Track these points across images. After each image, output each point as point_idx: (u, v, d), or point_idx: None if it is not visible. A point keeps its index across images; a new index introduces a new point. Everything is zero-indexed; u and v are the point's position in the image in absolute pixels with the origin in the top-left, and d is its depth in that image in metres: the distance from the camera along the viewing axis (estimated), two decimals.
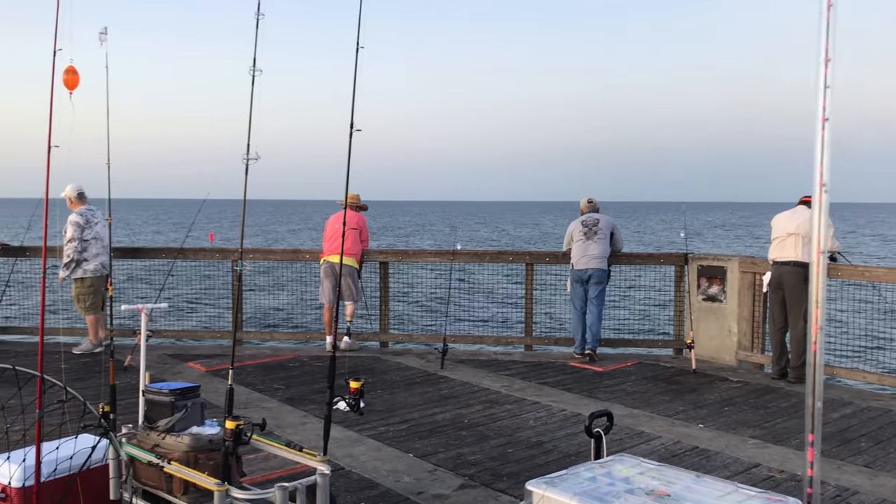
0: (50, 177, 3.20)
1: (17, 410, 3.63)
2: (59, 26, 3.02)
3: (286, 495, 3.33)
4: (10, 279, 9.40)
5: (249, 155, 3.28)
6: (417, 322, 11.81)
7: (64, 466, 3.65)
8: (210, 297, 11.68)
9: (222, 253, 10.01)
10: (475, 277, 11.65)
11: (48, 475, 3.65)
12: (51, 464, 3.65)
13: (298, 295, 10.62)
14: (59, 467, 3.74)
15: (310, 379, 7.73)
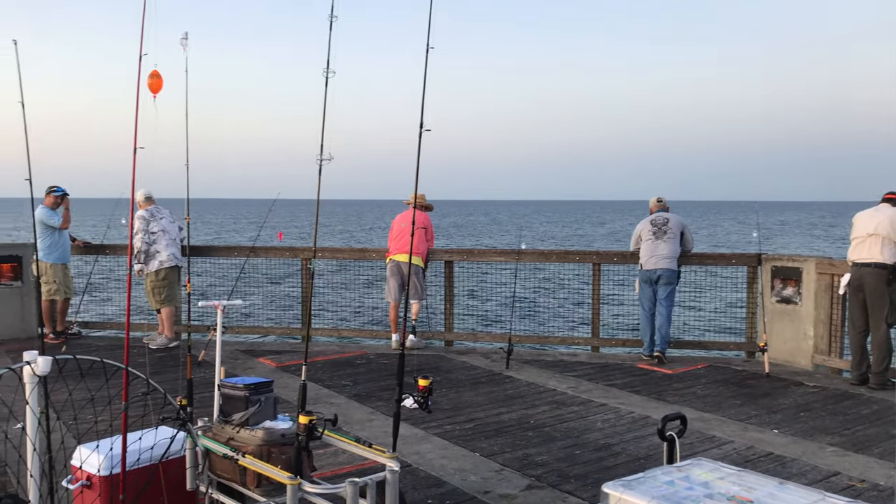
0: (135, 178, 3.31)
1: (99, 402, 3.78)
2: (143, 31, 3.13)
3: (357, 491, 3.38)
4: (90, 277, 9.80)
5: (323, 155, 3.34)
6: (482, 321, 11.81)
7: (145, 457, 3.78)
8: (279, 295, 11.94)
9: (292, 251, 10.20)
10: (541, 277, 11.57)
11: (131, 465, 3.79)
12: (133, 454, 3.78)
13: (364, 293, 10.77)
14: (141, 457, 3.87)
15: (376, 376, 7.82)
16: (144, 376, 2.62)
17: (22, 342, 9.43)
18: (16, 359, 8.40)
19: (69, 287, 9.61)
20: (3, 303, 9.57)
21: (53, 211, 9.33)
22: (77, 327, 10.02)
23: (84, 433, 4.10)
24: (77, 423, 4.84)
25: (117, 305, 12.07)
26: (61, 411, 3.19)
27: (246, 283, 9.98)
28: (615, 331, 10.90)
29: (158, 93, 3.46)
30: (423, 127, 3.75)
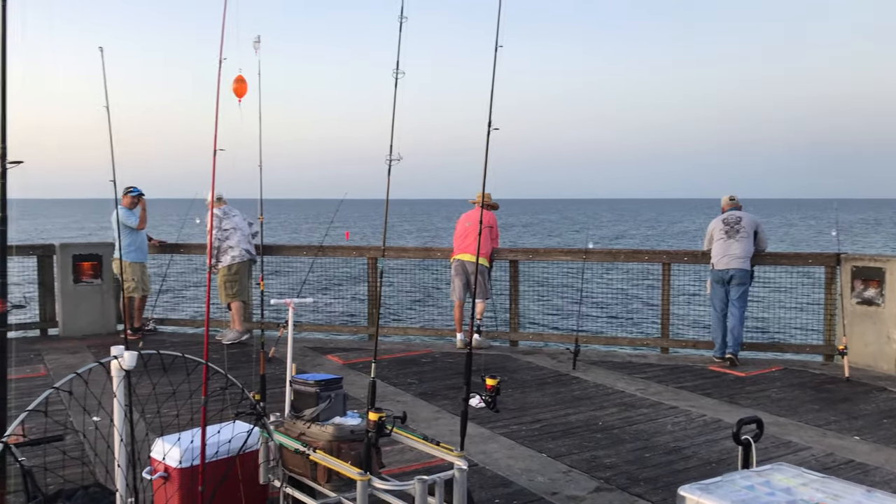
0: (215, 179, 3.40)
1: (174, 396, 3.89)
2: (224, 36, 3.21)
3: (425, 489, 3.39)
4: (166, 274, 10.13)
5: (392, 156, 3.37)
6: (548, 322, 11.72)
7: (222, 450, 3.87)
8: (346, 293, 12.10)
9: (358, 250, 10.34)
10: (609, 277, 11.42)
11: (208, 458, 3.89)
12: (210, 447, 3.89)
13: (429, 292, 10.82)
14: (218, 451, 3.98)
15: (441, 375, 7.84)
16: (223, 371, 2.69)
17: (102, 338, 9.82)
18: (97, 353, 8.74)
19: (146, 285, 9.95)
20: (84, 300, 9.97)
21: (131, 211, 9.67)
22: (153, 324, 10.37)
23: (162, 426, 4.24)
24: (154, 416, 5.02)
25: (191, 302, 12.45)
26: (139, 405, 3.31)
27: (314, 282, 10.16)
28: (684, 330, 10.66)
29: (243, 97, 3.54)
30: (491, 125, 3.74)
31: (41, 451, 4.06)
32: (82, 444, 5.23)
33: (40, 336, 10.11)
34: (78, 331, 9.91)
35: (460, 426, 3.87)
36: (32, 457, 3.73)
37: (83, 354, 8.78)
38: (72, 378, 2.21)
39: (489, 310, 9.47)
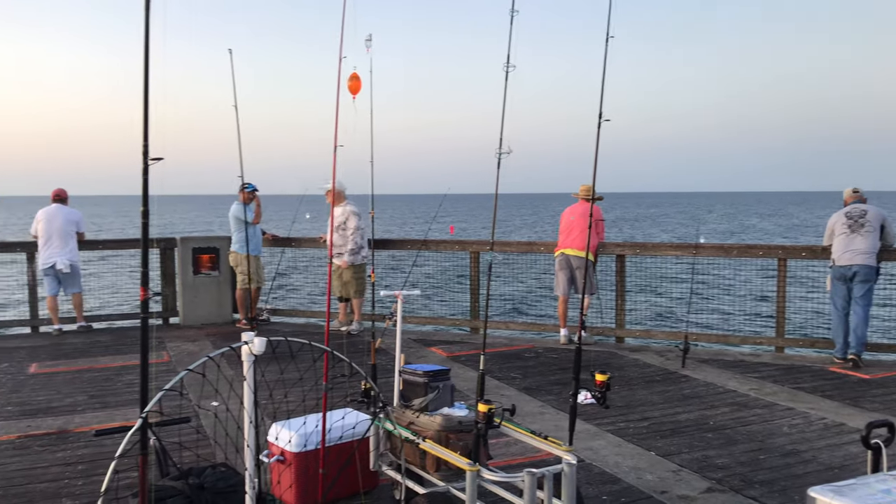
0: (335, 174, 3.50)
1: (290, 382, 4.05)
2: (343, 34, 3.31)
3: (534, 482, 3.39)
4: (278, 267, 10.51)
5: (502, 149, 3.37)
6: (655, 318, 11.44)
7: (334, 436, 4.00)
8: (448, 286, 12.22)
9: (461, 244, 10.41)
10: (720, 273, 11.03)
11: (327, 442, 4.04)
12: (327, 432, 4.03)
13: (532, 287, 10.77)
14: (330, 436, 4.12)
15: (545, 370, 7.80)
16: (347, 360, 2.78)
17: (219, 327, 10.32)
18: (214, 342, 9.18)
19: (260, 277, 10.36)
20: (203, 290, 10.49)
21: (247, 206, 10.09)
22: (267, 314, 10.79)
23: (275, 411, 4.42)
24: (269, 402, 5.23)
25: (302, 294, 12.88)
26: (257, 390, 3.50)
27: (418, 275, 10.32)
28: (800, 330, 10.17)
29: (357, 94, 3.64)
30: (601, 117, 3.68)
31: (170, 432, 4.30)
32: (203, 427, 5.52)
33: (162, 324, 10.72)
34: (196, 320, 10.44)
35: (569, 421, 3.85)
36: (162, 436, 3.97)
37: (202, 342, 9.25)
38: (205, 361, 2.34)
39: (594, 305, 9.34)
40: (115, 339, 9.63)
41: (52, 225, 9.83)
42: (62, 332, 9.91)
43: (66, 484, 4.76)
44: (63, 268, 9.74)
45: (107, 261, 11.15)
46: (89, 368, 7.92)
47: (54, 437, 5.69)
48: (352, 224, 9.47)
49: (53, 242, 9.79)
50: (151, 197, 2.09)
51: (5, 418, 6.16)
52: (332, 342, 3.38)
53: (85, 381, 7.39)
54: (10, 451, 5.39)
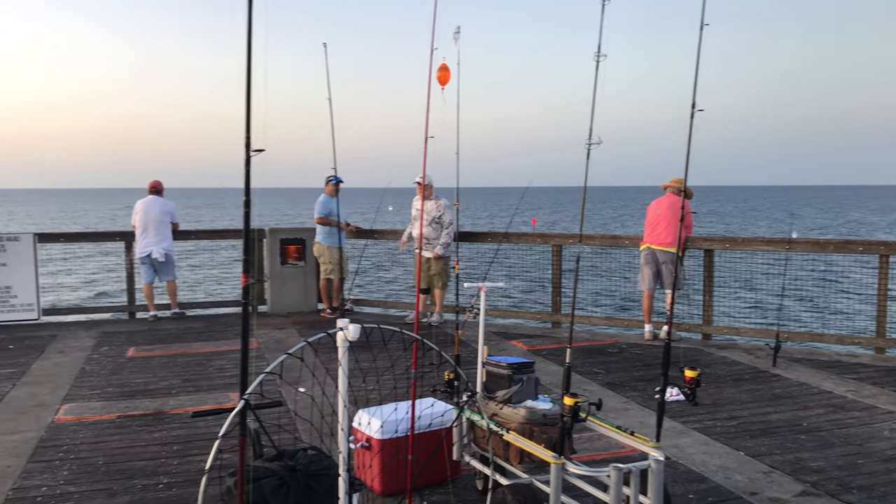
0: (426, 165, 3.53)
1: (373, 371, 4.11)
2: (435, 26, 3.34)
3: (621, 477, 3.35)
4: (362, 258, 10.69)
5: (592, 140, 3.33)
6: (745, 315, 11.09)
7: (422, 424, 4.04)
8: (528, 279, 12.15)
9: (543, 237, 10.34)
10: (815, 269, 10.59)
11: (405, 431, 4.09)
12: (406, 421, 4.09)
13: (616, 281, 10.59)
14: (418, 424, 4.16)
15: (629, 366, 7.68)
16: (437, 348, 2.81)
17: (304, 315, 10.58)
18: (300, 330, 9.43)
19: (343, 268, 10.56)
20: (289, 280, 10.77)
21: (330, 198, 10.30)
22: (350, 304, 10.99)
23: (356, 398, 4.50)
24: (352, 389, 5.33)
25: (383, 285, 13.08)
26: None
27: (499, 268, 10.31)
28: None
29: (446, 85, 3.66)
30: (695, 107, 3.58)
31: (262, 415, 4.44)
32: (290, 412, 5.68)
33: (250, 312, 11.06)
34: (283, 308, 10.73)
35: (657, 417, 3.77)
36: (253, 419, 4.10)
37: (288, 330, 9.50)
38: (303, 346, 2.41)
39: (680, 301, 9.13)
40: (206, 325, 10.00)
41: (148, 215, 10.28)
42: (157, 318, 10.36)
43: (162, 463, 4.98)
44: (158, 256, 10.17)
45: (199, 250, 11.58)
46: (183, 353, 8.25)
47: (151, 417, 5.96)
48: (447, 217, 9.55)
49: (150, 232, 10.23)
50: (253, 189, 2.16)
51: (106, 399, 6.50)
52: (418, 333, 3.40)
53: (179, 365, 7.71)
54: (112, 429, 5.68)
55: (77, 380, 7.13)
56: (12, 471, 4.85)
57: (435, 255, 9.54)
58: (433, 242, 9.54)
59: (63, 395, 6.58)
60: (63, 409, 6.19)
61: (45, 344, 8.77)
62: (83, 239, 11.78)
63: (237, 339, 9.03)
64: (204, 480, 2.36)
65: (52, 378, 7.19)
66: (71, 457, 5.09)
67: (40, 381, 7.11)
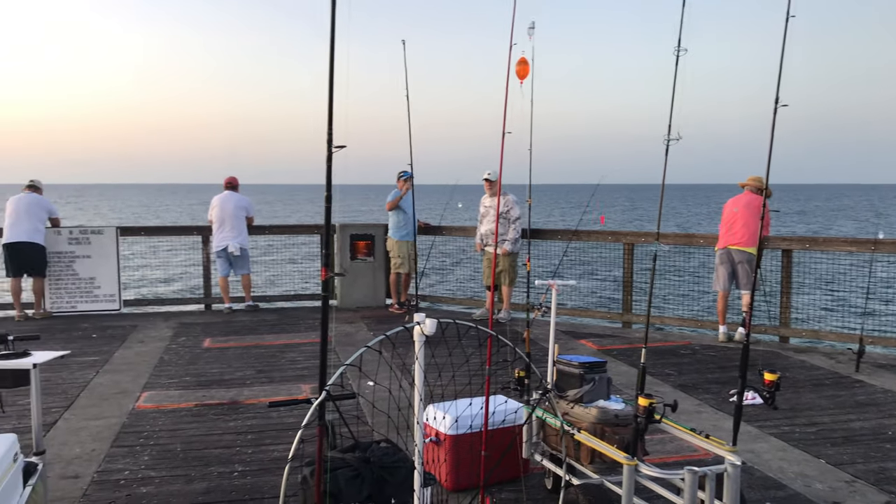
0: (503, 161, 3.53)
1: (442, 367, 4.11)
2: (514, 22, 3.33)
3: (696, 480, 3.27)
4: (429, 254, 10.74)
5: (671, 135, 3.26)
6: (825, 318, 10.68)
7: (493, 421, 4.04)
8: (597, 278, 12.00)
9: (614, 236, 10.19)
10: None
11: (477, 427, 4.10)
12: (478, 417, 4.09)
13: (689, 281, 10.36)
14: (481, 422, 4.16)
15: (702, 367, 7.50)
16: (511, 344, 2.80)
17: (372, 310, 10.71)
18: (369, 324, 9.55)
19: (412, 263, 10.63)
20: (358, 275, 10.91)
21: (400, 192, 10.40)
22: (417, 299, 11.06)
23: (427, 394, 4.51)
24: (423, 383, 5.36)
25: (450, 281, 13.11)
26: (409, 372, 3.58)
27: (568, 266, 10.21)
28: None
29: (525, 79, 3.65)
30: (778, 102, 3.47)
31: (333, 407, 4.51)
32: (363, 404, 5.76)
33: (321, 306, 11.26)
34: (353, 303, 10.89)
35: (733, 421, 3.67)
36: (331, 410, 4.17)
37: (357, 324, 9.63)
38: (382, 339, 2.44)
39: (758, 302, 8.86)
40: (279, 318, 10.23)
41: (224, 210, 10.57)
42: (232, 310, 10.65)
43: (237, 451, 5.12)
44: (234, 250, 10.45)
45: (273, 244, 11.83)
46: (256, 345, 8.46)
47: (226, 407, 6.13)
48: (515, 213, 9.54)
49: (226, 226, 10.52)
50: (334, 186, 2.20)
51: (184, 387, 6.71)
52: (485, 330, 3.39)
53: (252, 356, 7.91)
54: (189, 417, 5.86)
55: (156, 369, 7.39)
56: (97, 454, 5.06)
57: (503, 251, 9.52)
58: (503, 238, 9.52)
59: (143, 383, 6.84)
60: (143, 396, 6.43)
61: (126, 333, 9.12)
62: (162, 233, 12.18)
63: (308, 332, 9.21)
64: (287, 469, 2.41)
65: (132, 366, 7.48)
66: (151, 443, 5.28)
67: (122, 369, 7.40)
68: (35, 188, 10.19)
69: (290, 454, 2.37)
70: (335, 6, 2.19)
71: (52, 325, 9.51)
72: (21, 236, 9.77)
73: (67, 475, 4.70)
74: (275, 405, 3.14)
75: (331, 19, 2.19)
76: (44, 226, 10.04)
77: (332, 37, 2.20)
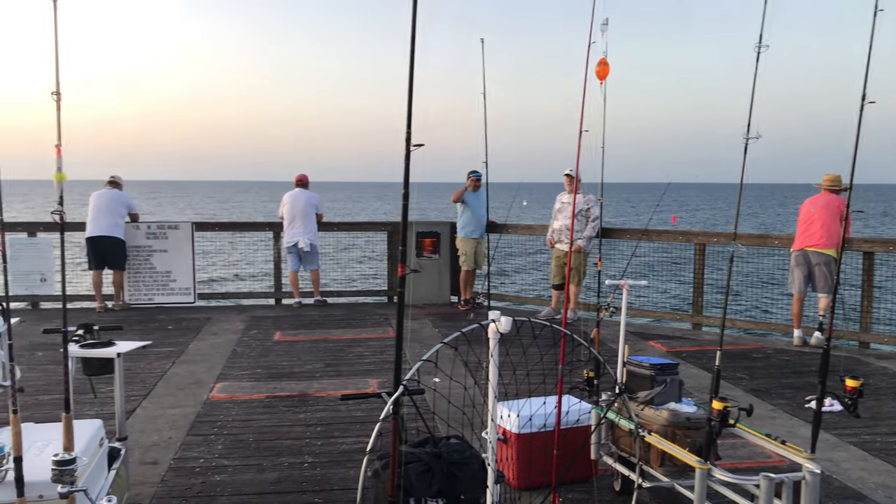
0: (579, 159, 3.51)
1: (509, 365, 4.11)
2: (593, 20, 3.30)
3: (772, 487, 3.19)
4: (495, 252, 10.73)
5: (750, 134, 3.17)
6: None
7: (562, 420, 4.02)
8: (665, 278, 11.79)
9: (685, 236, 9.98)
10: None
11: (541, 426, 4.09)
12: (545, 417, 4.08)
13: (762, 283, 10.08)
14: (549, 421, 4.15)
15: (776, 372, 7.28)
16: (586, 343, 2.79)
17: (438, 307, 10.76)
18: (434, 321, 9.59)
19: (478, 261, 10.63)
20: (424, 272, 10.97)
21: (470, 192, 10.42)
22: (482, 297, 11.07)
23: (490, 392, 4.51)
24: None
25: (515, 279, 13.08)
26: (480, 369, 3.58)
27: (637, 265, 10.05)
28: None
29: (605, 79, 3.62)
30: (865, 99, 3.34)
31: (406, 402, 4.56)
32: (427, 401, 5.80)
33: (387, 302, 11.38)
34: (419, 300, 10.96)
35: (812, 428, 3.56)
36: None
37: (422, 321, 9.70)
38: (457, 335, 2.46)
39: (839, 307, 8.55)
40: (346, 313, 10.38)
41: (295, 207, 10.78)
42: (301, 304, 10.86)
43: (307, 443, 5.23)
44: (304, 246, 10.65)
45: (340, 241, 12.01)
46: (325, 339, 8.61)
47: (296, 399, 6.26)
48: (595, 211, 9.44)
49: (296, 223, 10.73)
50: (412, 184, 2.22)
51: (255, 379, 6.89)
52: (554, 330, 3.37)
53: (321, 350, 8.05)
54: (261, 408, 6.01)
55: (229, 360, 7.60)
56: (173, 442, 5.24)
57: (576, 247, 9.43)
58: (578, 236, 9.44)
59: (217, 374, 7.04)
60: (217, 387, 6.62)
61: (200, 326, 9.40)
62: (235, 228, 12.53)
63: (374, 327, 9.33)
64: (365, 462, 2.46)
65: (206, 358, 7.71)
66: (224, 432, 5.44)
67: (196, 360, 7.64)
68: (115, 184, 10.58)
69: (369, 447, 2.42)
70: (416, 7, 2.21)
71: (130, 317, 9.87)
72: (102, 231, 10.17)
73: (146, 461, 4.88)
74: (347, 398, 3.20)
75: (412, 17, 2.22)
76: (123, 221, 10.42)
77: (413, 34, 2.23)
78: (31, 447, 3.13)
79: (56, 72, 2.61)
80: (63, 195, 2.68)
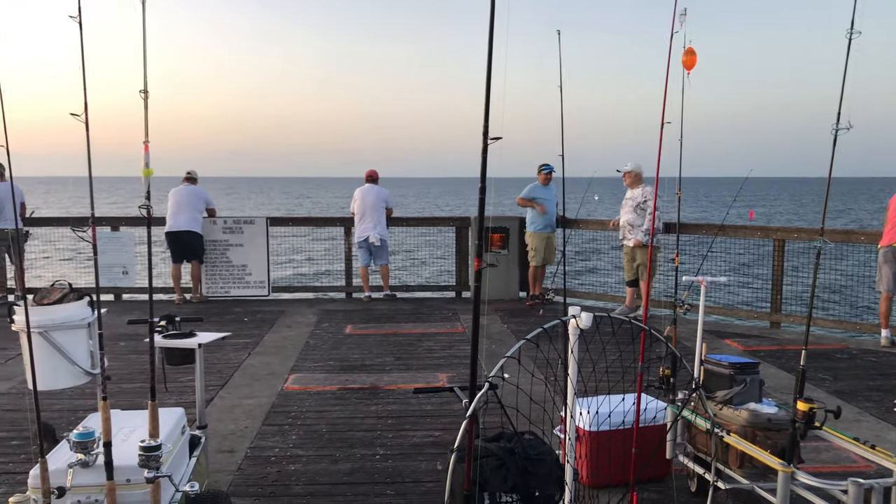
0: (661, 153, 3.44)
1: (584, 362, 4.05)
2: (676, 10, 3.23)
3: (861, 493, 3.06)
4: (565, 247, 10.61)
5: (839, 125, 3.03)
6: None
7: (629, 419, 3.96)
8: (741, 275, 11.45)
9: (763, 231, 9.67)
10: None
11: (616, 424, 4.02)
12: (618, 415, 4.01)
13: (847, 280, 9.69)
14: (626, 419, 4.07)
15: (861, 373, 6.99)
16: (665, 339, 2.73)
17: (506, 303, 10.71)
18: (503, 317, 9.56)
19: (548, 256, 10.53)
20: (493, 268, 10.94)
21: (541, 186, 10.34)
22: (552, 293, 10.97)
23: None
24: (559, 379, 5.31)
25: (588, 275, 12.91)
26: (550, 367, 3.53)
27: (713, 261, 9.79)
28: None
29: (692, 69, 3.54)
30: None
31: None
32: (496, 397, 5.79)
33: (455, 297, 11.41)
34: (487, 295, 10.94)
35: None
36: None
37: (491, 317, 9.68)
38: (539, 332, 2.44)
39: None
40: (415, 307, 10.45)
41: (365, 202, 10.90)
42: (371, 298, 10.99)
43: (378, 435, 5.29)
44: (374, 241, 10.76)
45: (407, 234, 12.08)
46: (394, 333, 8.69)
47: (367, 391, 6.34)
48: (650, 205, 9.27)
49: (367, 218, 10.85)
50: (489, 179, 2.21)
51: (328, 371, 7.00)
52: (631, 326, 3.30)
53: (391, 343, 8.13)
54: (333, 400, 6.11)
55: (302, 352, 7.75)
56: (250, 431, 5.38)
57: (635, 242, 9.26)
58: (636, 230, 9.27)
59: (291, 366, 7.19)
60: (291, 378, 6.76)
61: (274, 318, 9.62)
62: (308, 223, 12.73)
63: (443, 322, 9.36)
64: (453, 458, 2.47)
65: (281, 350, 7.88)
66: (298, 423, 5.55)
67: (271, 351, 7.82)
68: (192, 179, 10.89)
69: (456, 443, 2.42)
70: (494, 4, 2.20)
71: (207, 309, 10.17)
72: (181, 225, 10.50)
73: (223, 449, 5.02)
74: (419, 392, 3.21)
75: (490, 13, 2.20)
76: (201, 215, 10.74)
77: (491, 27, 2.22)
78: (118, 433, 3.25)
79: (144, 70, 2.70)
80: (150, 190, 2.77)
